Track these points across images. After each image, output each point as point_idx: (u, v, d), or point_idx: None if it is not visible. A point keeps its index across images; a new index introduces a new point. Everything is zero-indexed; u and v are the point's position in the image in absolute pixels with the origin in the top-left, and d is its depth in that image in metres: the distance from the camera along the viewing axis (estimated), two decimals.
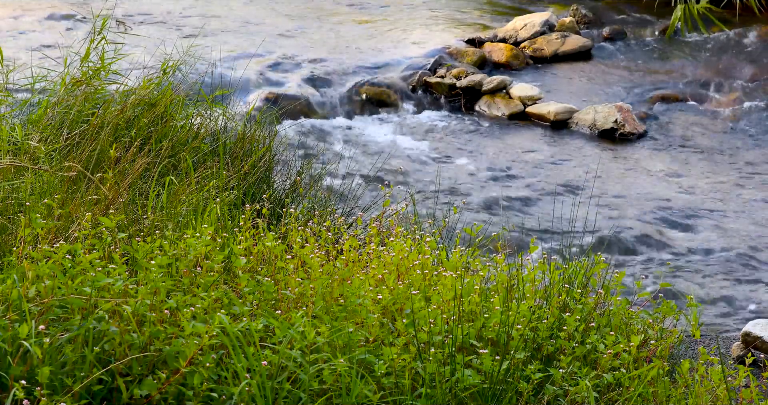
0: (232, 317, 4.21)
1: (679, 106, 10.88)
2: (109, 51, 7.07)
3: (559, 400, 4.28)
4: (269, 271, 4.68)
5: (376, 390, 4.07)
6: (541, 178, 9.19)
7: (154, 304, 4.15)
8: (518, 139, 10.09)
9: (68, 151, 6.08)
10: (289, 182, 6.70)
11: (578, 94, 11.04)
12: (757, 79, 11.36)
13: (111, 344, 3.99)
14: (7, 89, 6.82)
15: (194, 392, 3.93)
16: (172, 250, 4.48)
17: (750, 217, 8.56)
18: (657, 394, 4.44)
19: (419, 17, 12.75)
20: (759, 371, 5.90)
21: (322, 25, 12.29)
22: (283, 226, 5.44)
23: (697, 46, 12.19)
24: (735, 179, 9.31)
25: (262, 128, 7.00)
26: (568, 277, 4.93)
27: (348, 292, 4.49)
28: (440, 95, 10.80)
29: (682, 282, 7.50)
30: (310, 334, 4.02)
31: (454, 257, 4.91)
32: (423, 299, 4.47)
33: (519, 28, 12.03)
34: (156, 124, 6.62)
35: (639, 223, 8.37)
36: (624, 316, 4.79)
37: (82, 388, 3.83)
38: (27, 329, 3.79)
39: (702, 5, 12.00)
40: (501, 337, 4.34)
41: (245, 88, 10.05)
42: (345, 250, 4.93)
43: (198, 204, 5.51)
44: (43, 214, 4.88)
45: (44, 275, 4.08)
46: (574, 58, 11.86)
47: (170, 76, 7.17)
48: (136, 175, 5.69)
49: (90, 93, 6.71)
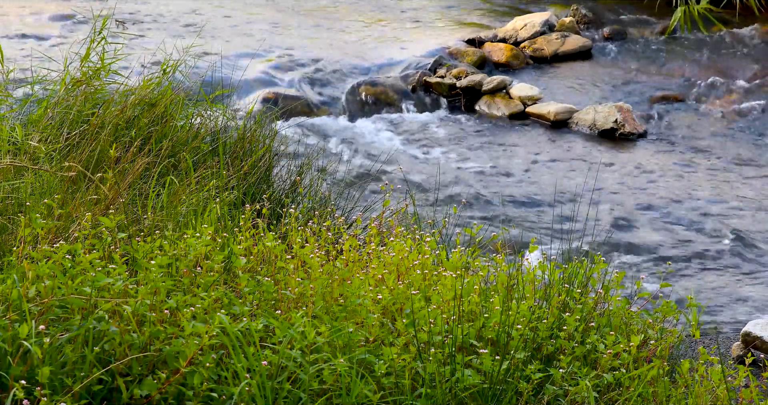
0: (232, 317, 4.21)
1: (679, 106, 10.88)
2: (109, 51, 7.07)
3: (559, 400, 4.28)
4: (269, 271, 4.68)
5: (376, 390, 4.08)
6: (540, 177, 9.19)
7: (154, 304, 4.15)
8: (518, 139, 10.09)
9: (68, 151, 6.08)
10: (289, 182, 6.70)
11: (578, 94, 11.04)
12: (757, 79, 11.36)
13: (111, 344, 4.00)
14: (7, 89, 6.82)
15: (194, 392, 3.93)
16: (172, 250, 4.48)
17: (750, 217, 8.56)
18: (657, 394, 4.44)
19: (419, 17, 12.75)
20: (759, 371, 5.89)
21: (322, 25, 12.29)
22: (283, 226, 5.44)
23: (697, 46, 12.20)
24: (735, 179, 9.31)
25: (262, 128, 7.00)
26: (568, 277, 4.93)
27: (348, 292, 4.49)
28: (440, 95, 10.80)
29: (682, 282, 7.50)
30: (310, 334, 4.03)
31: (454, 257, 4.91)
32: (423, 299, 4.47)
33: (519, 28, 12.02)
34: (156, 124, 6.62)
35: (639, 222, 8.38)
36: (624, 316, 4.79)
37: (82, 388, 3.84)
38: (27, 329, 3.79)
39: (702, 5, 12.01)
40: (501, 337, 4.34)
41: (245, 88, 10.05)
42: (345, 250, 4.93)
43: (198, 204, 5.51)
44: (43, 214, 4.88)
45: (44, 275, 4.08)
46: (574, 58, 11.85)
47: (170, 76, 7.16)
48: (136, 175, 5.69)
49: (90, 93, 6.70)
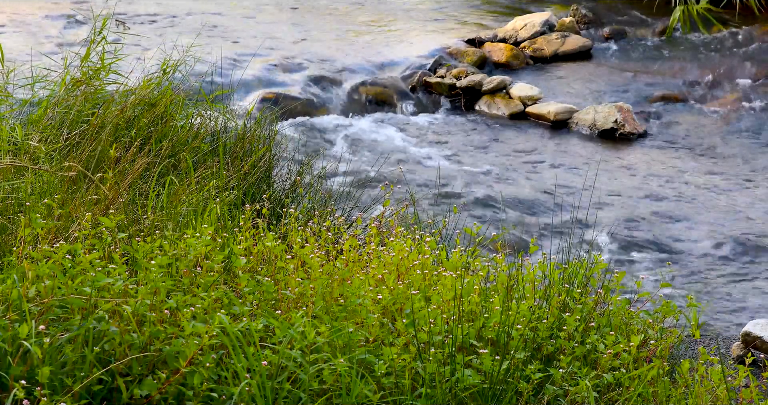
0: (232, 317, 4.21)
1: (679, 106, 10.87)
2: (109, 51, 7.07)
3: (559, 400, 4.28)
4: (269, 271, 4.68)
5: (376, 390, 4.08)
6: (540, 177, 9.19)
7: (154, 304, 4.15)
8: (518, 139, 10.09)
9: (68, 151, 6.08)
10: (289, 182, 6.70)
11: (578, 94, 11.04)
12: (757, 79, 11.35)
13: (111, 344, 3.99)
14: (7, 89, 6.82)
15: (194, 392, 3.93)
16: (172, 250, 4.48)
17: (750, 217, 8.56)
18: (657, 394, 4.44)
19: (419, 17, 12.75)
20: (759, 371, 5.89)
21: (322, 25, 12.29)
22: (283, 226, 5.44)
23: (697, 46, 12.20)
24: (735, 179, 9.31)
25: (262, 128, 7.00)
26: (567, 277, 4.93)
27: (348, 292, 4.49)
28: (440, 95, 10.80)
29: (682, 282, 7.50)
30: (310, 334, 4.03)
31: (454, 257, 4.91)
32: (423, 299, 4.47)
33: (519, 28, 12.02)
34: (156, 124, 6.62)
35: (639, 222, 8.38)
36: (624, 316, 4.79)
37: (82, 388, 3.84)
38: (27, 329, 3.79)
39: (701, 5, 12.01)
40: (501, 337, 4.34)
41: (245, 88, 10.05)
42: (345, 250, 4.93)
43: (198, 204, 5.51)
44: (43, 214, 4.88)
45: (44, 275, 4.08)
46: (574, 58, 11.85)
47: (170, 76, 7.16)
48: (136, 175, 5.69)
49: (90, 93, 6.70)
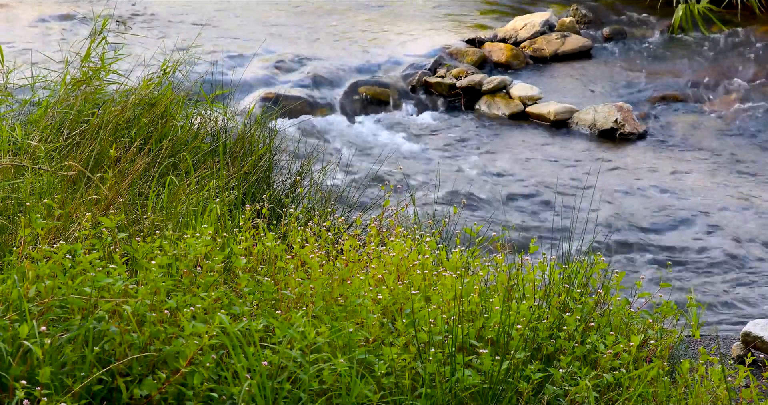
0: (232, 317, 4.21)
1: (679, 106, 10.87)
2: (109, 51, 7.07)
3: (559, 400, 4.28)
4: (269, 271, 4.68)
5: (376, 390, 4.08)
6: (541, 177, 9.19)
7: (154, 304, 4.15)
8: (518, 139, 10.09)
9: (68, 151, 6.08)
10: (289, 182, 6.70)
11: (578, 94, 11.04)
12: (758, 79, 11.35)
13: (111, 344, 4.00)
14: (7, 89, 6.82)
15: (194, 392, 3.93)
16: (172, 250, 4.48)
17: (750, 217, 8.56)
18: (657, 394, 4.44)
19: (419, 17, 12.75)
20: (759, 371, 5.89)
21: (322, 24, 12.29)
22: (283, 226, 5.44)
23: (697, 46, 12.19)
24: (735, 179, 9.31)
25: (262, 128, 7.00)
26: (568, 277, 4.93)
27: (348, 292, 4.49)
28: (440, 95, 10.80)
29: (682, 282, 7.50)
30: (310, 334, 4.02)
31: (454, 257, 4.91)
32: (423, 299, 4.47)
33: (519, 28, 12.02)
34: (156, 124, 6.62)
35: (639, 223, 8.38)
36: (624, 316, 4.79)
37: (82, 388, 3.84)
38: (27, 329, 3.79)
39: (702, 5, 12.01)
40: (501, 337, 4.34)
41: (245, 88, 10.05)
42: (345, 250, 4.93)
43: (198, 204, 5.51)
44: (43, 214, 4.88)
45: (44, 275, 4.08)
46: (574, 58, 11.85)
47: (170, 76, 7.16)
48: (136, 175, 5.69)
49: (90, 93, 6.71)
